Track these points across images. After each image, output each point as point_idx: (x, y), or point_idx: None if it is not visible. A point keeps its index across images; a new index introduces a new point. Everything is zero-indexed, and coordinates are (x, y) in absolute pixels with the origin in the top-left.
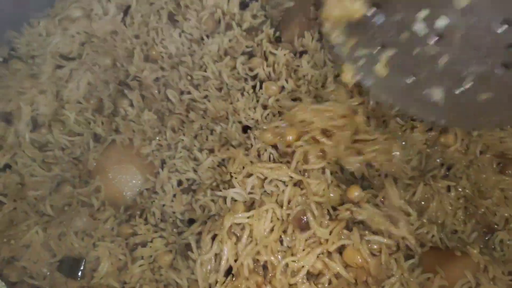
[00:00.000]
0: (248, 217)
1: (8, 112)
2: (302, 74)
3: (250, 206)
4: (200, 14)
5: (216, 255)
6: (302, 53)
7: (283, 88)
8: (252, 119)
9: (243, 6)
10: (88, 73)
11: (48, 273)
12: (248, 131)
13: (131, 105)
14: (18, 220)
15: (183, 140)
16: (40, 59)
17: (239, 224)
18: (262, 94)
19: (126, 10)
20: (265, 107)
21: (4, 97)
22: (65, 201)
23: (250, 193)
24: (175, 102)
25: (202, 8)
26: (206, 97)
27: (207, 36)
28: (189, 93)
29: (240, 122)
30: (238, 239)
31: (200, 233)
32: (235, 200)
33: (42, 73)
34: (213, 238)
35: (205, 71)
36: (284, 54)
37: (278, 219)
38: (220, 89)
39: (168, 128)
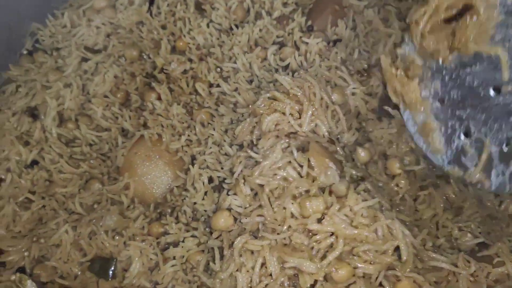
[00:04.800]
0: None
1: (33, 106)
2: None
3: None
4: (228, 2)
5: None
6: (335, 42)
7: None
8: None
9: None
10: (114, 65)
11: (79, 273)
12: None
13: (159, 98)
14: (47, 218)
15: (213, 135)
16: (65, 52)
17: None
18: None
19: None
20: None
21: (30, 91)
22: (94, 199)
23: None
24: (204, 96)
25: None
26: (236, 89)
27: (236, 26)
28: (218, 86)
29: None
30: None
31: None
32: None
33: (67, 66)
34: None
35: (235, 62)
36: (317, 43)
37: None
38: (250, 82)
39: (198, 123)
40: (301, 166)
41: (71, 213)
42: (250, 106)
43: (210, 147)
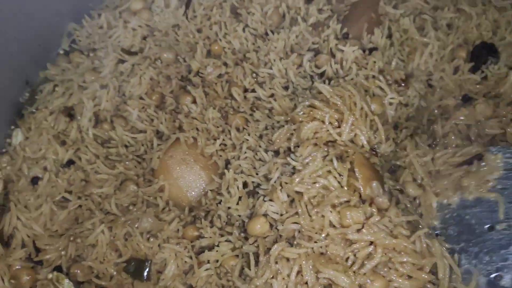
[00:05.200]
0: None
1: (70, 106)
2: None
3: None
4: (264, 8)
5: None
6: (371, 50)
7: None
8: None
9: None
10: (150, 68)
11: (114, 273)
12: None
13: (194, 101)
14: (83, 218)
15: (248, 140)
16: (102, 52)
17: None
18: None
19: (188, 3)
20: None
21: (67, 91)
22: (130, 200)
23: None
24: (239, 100)
25: (266, 1)
26: (272, 95)
27: (272, 32)
28: (253, 91)
29: None
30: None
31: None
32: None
33: (104, 67)
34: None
35: (271, 68)
36: (353, 51)
37: None
38: (286, 88)
39: (233, 127)
40: (341, 176)
41: (106, 214)
42: (288, 113)
43: (245, 152)
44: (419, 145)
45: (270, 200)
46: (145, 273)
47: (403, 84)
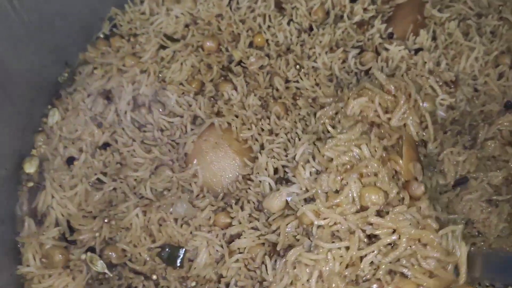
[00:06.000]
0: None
1: (108, 89)
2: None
3: None
4: (309, 3)
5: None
6: (416, 51)
7: None
8: None
9: None
10: (192, 55)
11: (147, 259)
12: None
13: (234, 89)
14: (117, 201)
15: (285, 124)
16: (143, 38)
17: None
18: None
19: None
20: None
21: (106, 74)
22: (164, 185)
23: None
24: (281, 90)
25: None
26: (317, 84)
27: (317, 27)
28: (297, 82)
29: None
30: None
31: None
32: None
33: (145, 52)
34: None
35: (315, 61)
36: (399, 50)
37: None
38: (330, 80)
39: (273, 114)
40: (376, 151)
41: (141, 198)
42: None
43: (281, 137)
44: (459, 143)
45: (293, 176)
46: (179, 261)
47: (452, 86)
